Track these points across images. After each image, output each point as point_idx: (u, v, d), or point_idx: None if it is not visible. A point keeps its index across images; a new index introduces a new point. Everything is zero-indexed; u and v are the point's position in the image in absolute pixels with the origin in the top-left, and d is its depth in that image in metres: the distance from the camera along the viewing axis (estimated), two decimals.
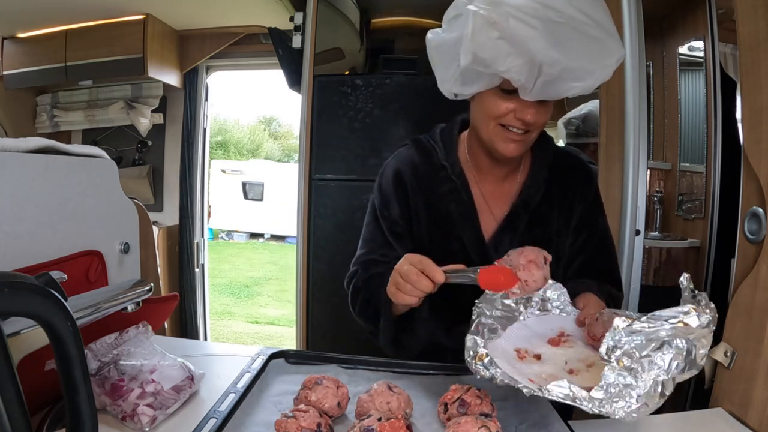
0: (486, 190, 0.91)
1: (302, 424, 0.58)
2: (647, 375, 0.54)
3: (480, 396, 0.66)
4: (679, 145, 2.19)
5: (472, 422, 0.58)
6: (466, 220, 0.88)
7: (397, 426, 0.56)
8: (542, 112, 0.78)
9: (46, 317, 0.39)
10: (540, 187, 0.89)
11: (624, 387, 0.54)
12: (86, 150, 0.97)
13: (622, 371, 0.55)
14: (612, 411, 0.54)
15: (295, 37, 1.82)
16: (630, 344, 0.55)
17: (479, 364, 0.63)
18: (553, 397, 0.56)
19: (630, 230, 1.51)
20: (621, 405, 0.54)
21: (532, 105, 0.77)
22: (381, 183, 0.95)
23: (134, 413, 0.69)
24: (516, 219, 0.88)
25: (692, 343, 0.55)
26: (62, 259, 0.86)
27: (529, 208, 0.88)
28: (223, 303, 5.35)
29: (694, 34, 2.11)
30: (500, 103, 0.79)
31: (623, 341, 0.56)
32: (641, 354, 0.55)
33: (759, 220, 0.83)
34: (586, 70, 0.71)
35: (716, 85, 2.02)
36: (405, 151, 0.96)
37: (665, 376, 0.54)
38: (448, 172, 0.90)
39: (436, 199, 0.90)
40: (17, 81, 2.78)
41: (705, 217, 2.04)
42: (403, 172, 0.92)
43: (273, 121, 14.44)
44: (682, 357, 0.55)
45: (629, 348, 0.55)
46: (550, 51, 0.68)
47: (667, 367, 0.54)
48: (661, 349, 0.55)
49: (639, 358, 0.55)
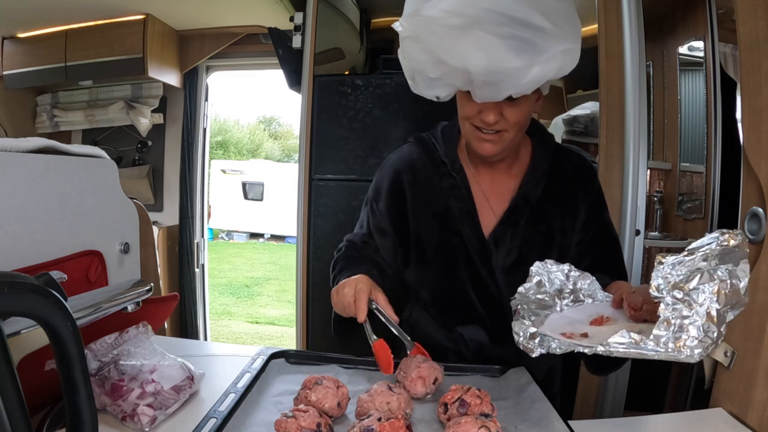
0: (485, 186, 0.92)
1: (302, 424, 0.58)
2: (701, 308, 0.53)
3: (480, 396, 0.65)
4: (679, 145, 2.19)
5: (472, 422, 0.58)
6: (465, 215, 0.89)
7: (397, 426, 0.56)
8: (511, 111, 0.78)
9: (46, 317, 0.39)
10: (539, 182, 0.89)
11: (683, 320, 0.53)
12: (86, 150, 0.97)
13: (676, 304, 0.54)
14: (678, 349, 0.53)
15: (295, 37, 1.82)
16: (676, 277, 0.55)
17: (532, 342, 0.63)
18: (616, 349, 0.54)
19: (630, 230, 1.51)
20: (685, 340, 0.53)
21: (493, 106, 0.77)
22: (378, 176, 0.98)
23: (134, 413, 0.69)
24: (516, 214, 0.88)
25: (733, 272, 0.55)
26: (62, 259, 0.86)
27: (529, 202, 0.88)
28: (223, 303, 5.35)
29: (694, 34, 2.11)
30: (466, 104, 0.81)
31: (670, 275, 0.55)
32: (690, 286, 0.54)
33: (759, 220, 0.83)
34: (516, 69, 0.69)
35: (716, 85, 2.01)
36: (407, 148, 0.98)
37: (718, 306, 0.54)
38: (447, 168, 0.91)
39: (436, 194, 0.91)
40: (17, 81, 2.78)
41: (705, 217, 2.03)
42: (401, 168, 0.94)
43: (273, 121, 14.45)
44: (727, 287, 0.54)
45: (677, 280, 0.55)
46: (468, 56, 0.69)
47: (717, 297, 0.54)
48: (706, 280, 0.55)
49: (689, 290, 0.54)
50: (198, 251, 2.98)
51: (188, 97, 2.88)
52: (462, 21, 0.68)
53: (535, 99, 0.82)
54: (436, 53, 0.72)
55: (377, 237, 0.95)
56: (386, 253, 0.95)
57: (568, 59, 0.73)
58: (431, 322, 0.94)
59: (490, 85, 0.72)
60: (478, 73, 0.70)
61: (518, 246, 0.88)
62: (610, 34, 1.51)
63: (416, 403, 0.72)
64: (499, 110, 0.78)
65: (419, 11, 0.72)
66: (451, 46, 0.70)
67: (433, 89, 0.82)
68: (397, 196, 0.93)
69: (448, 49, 0.71)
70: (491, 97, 0.74)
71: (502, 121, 0.79)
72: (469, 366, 0.83)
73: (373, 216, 0.96)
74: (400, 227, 0.93)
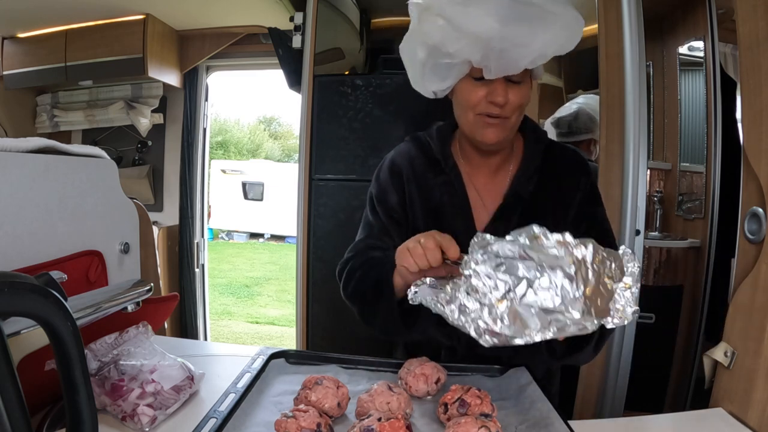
0: (479, 183, 0.92)
1: (302, 424, 0.58)
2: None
3: (480, 396, 0.66)
4: (679, 145, 2.19)
5: (472, 422, 0.58)
6: (458, 212, 0.90)
7: (397, 426, 0.56)
8: (515, 93, 0.80)
9: (46, 317, 0.39)
10: (531, 177, 0.89)
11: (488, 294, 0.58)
12: (86, 150, 0.97)
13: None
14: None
15: (295, 37, 1.82)
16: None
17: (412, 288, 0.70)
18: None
19: (630, 230, 1.51)
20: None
21: (501, 86, 0.79)
22: (379, 174, 0.98)
23: (134, 413, 0.69)
24: (508, 210, 0.88)
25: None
26: (62, 259, 0.86)
27: (521, 198, 0.89)
28: (223, 303, 5.35)
29: (694, 34, 2.11)
30: (472, 90, 0.82)
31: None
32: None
33: (759, 220, 0.83)
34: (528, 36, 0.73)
35: (716, 85, 2.01)
36: (403, 145, 0.99)
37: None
38: (441, 165, 0.92)
39: (430, 190, 0.92)
40: (17, 81, 2.78)
41: (705, 217, 2.03)
42: (400, 163, 0.95)
43: (273, 121, 14.45)
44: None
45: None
46: (492, 25, 0.72)
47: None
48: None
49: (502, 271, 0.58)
50: (198, 251, 2.98)
51: (188, 97, 2.88)
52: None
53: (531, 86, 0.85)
54: (455, 21, 0.74)
55: (394, 230, 0.93)
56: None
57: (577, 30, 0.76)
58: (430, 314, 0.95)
59: (508, 55, 0.74)
60: (498, 39, 0.72)
61: None
62: (610, 34, 1.51)
63: (416, 403, 0.73)
64: (507, 92, 0.80)
65: None
66: (469, 12, 0.73)
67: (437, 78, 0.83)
68: (400, 189, 0.94)
69: (467, 15, 0.73)
70: (506, 69, 0.76)
71: (508, 105, 0.81)
72: (469, 366, 0.83)
73: (385, 211, 0.95)
74: (407, 218, 0.94)
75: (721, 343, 0.86)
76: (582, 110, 1.75)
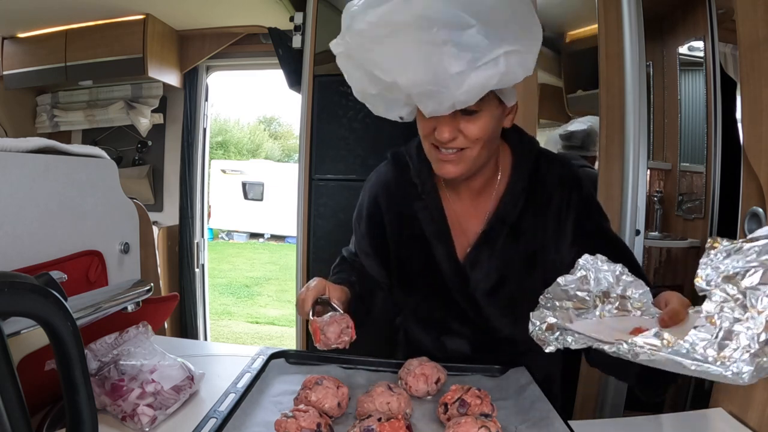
0: (460, 207, 0.87)
1: (302, 424, 0.58)
2: (760, 315, 0.40)
3: (480, 396, 0.66)
4: (679, 145, 2.19)
5: (472, 422, 0.58)
6: (438, 239, 0.85)
7: (397, 426, 0.57)
8: (470, 125, 0.72)
9: (46, 317, 0.39)
10: (518, 201, 0.83)
11: (733, 323, 0.41)
12: (86, 150, 0.97)
13: (727, 301, 0.42)
14: (720, 360, 0.40)
15: (295, 37, 1.82)
16: (732, 269, 0.43)
17: (547, 334, 0.55)
18: (642, 350, 0.43)
19: (630, 230, 1.51)
20: (733, 350, 0.40)
21: (448, 122, 0.72)
22: (361, 198, 0.97)
23: (134, 413, 0.70)
24: (492, 234, 0.83)
25: None
26: (62, 259, 0.86)
27: (506, 222, 0.83)
28: (223, 303, 5.35)
29: (694, 34, 2.11)
30: (422, 121, 0.76)
31: (723, 264, 0.43)
32: (747, 284, 0.41)
33: (759, 220, 0.83)
34: (452, 77, 0.64)
35: (716, 85, 2.01)
36: (383, 167, 0.95)
37: None
38: (419, 189, 0.87)
39: (410, 216, 0.88)
40: (17, 81, 2.78)
41: (705, 217, 2.03)
42: (378, 191, 0.92)
43: (273, 121, 14.44)
44: None
45: (731, 273, 0.42)
46: (396, 69, 0.66)
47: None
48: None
49: (746, 288, 0.41)
50: (198, 251, 2.99)
51: (188, 97, 2.88)
52: (390, 30, 0.64)
53: (501, 112, 0.76)
54: (368, 68, 0.69)
55: (362, 257, 0.96)
56: (373, 272, 0.95)
57: (515, 63, 0.65)
58: (420, 330, 0.95)
59: (429, 97, 0.67)
60: (408, 85, 0.66)
61: (497, 267, 0.83)
62: (610, 34, 1.51)
63: (416, 403, 0.73)
64: (456, 126, 0.72)
65: (350, 26, 0.68)
66: (379, 59, 0.67)
67: (389, 109, 0.77)
68: (375, 218, 0.91)
69: (377, 63, 0.67)
70: (435, 110, 0.68)
71: (461, 138, 0.73)
72: (469, 366, 0.83)
73: (357, 236, 0.97)
74: (380, 250, 0.92)
75: None
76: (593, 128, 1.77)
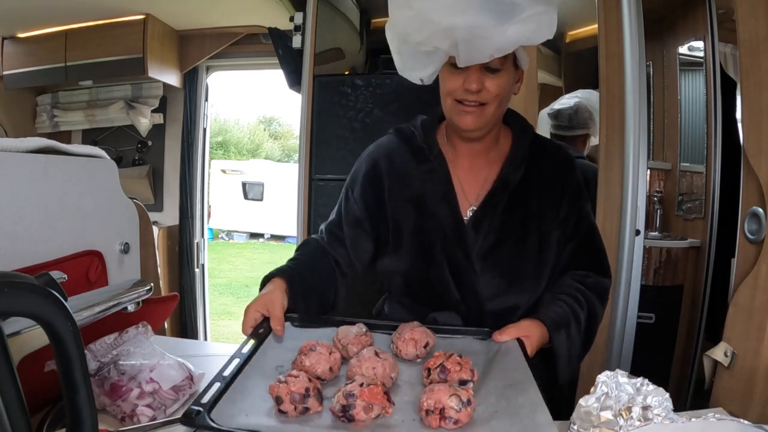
0: (463, 171, 0.93)
1: (292, 388, 0.62)
2: None
3: (461, 363, 0.68)
4: (679, 145, 2.19)
5: (445, 390, 0.60)
6: (442, 198, 0.91)
7: (376, 392, 0.60)
8: (492, 81, 0.82)
9: (46, 317, 0.39)
10: (519, 167, 0.91)
11: None
12: (86, 150, 0.97)
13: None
14: None
15: (295, 37, 1.82)
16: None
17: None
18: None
19: (630, 230, 1.51)
20: None
21: (476, 74, 0.81)
22: (356, 165, 1.00)
23: (134, 413, 0.70)
24: (495, 199, 0.90)
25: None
26: (62, 259, 0.86)
27: (508, 188, 0.90)
28: (223, 303, 5.35)
29: (694, 34, 2.11)
30: (450, 77, 0.84)
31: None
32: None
33: (759, 220, 0.83)
34: (494, 27, 0.74)
35: (716, 85, 2.01)
36: (385, 138, 1.00)
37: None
38: (425, 153, 0.93)
39: (411, 179, 0.93)
40: (17, 81, 2.77)
41: (705, 217, 2.03)
42: (378, 156, 0.97)
43: (273, 121, 14.43)
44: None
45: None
46: (455, 16, 0.74)
47: None
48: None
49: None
50: (198, 251, 2.98)
51: (188, 97, 2.88)
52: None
53: (515, 79, 0.87)
54: (421, 11, 0.76)
55: (348, 228, 0.96)
56: (354, 246, 0.95)
57: (545, 23, 0.77)
58: (405, 313, 0.96)
59: (471, 44, 0.75)
60: (461, 29, 0.74)
61: (496, 230, 0.90)
62: (610, 34, 1.51)
63: (406, 365, 0.76)
64: (482, 80, 0.81)
65: None
66: (435, 3, 0.75)
67: (419, 65, 0.84)
68: (374, 182, 0.95)
69: (433, 6, 0.75)
70: (474, 58, 0.77)
71: (484, 92, 0.82)
72: (460, 328, 0.86)
73: (347, 203, 0.98)
74: (375, 213, 0.95)
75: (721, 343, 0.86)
76: (582, 105, 1.74)
